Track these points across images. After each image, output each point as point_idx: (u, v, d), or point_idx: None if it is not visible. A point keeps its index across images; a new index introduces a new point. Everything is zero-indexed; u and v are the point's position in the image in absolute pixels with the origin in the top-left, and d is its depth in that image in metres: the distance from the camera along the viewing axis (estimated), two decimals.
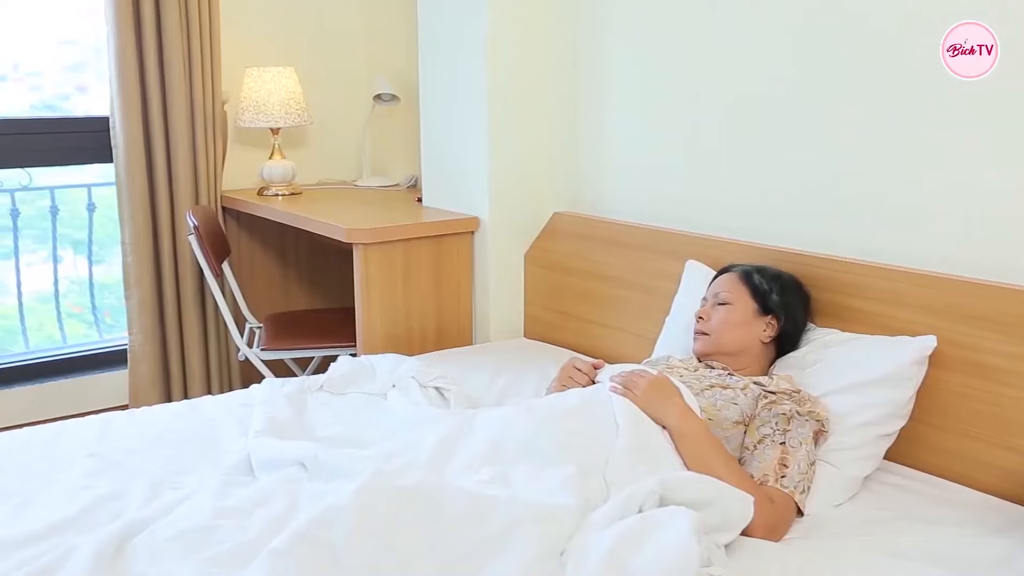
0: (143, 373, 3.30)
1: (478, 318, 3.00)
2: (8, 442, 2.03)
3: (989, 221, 1.93)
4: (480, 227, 2.93)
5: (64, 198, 3.55)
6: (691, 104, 2.51)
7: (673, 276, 2.43)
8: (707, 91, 2.46)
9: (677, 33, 2.52)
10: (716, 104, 2.44)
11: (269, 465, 1.85)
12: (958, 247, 1.97)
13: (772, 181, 2.33)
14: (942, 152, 1.99)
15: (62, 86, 3.50)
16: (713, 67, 2.44)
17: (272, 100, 3.33)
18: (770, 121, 2.31)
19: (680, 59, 2.52)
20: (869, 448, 1.88)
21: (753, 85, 2.34)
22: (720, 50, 2.41)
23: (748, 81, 2.35)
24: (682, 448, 1.78)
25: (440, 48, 2.98)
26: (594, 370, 2.05)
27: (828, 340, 2.05)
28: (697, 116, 2.50)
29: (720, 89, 2.42)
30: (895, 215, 2.08)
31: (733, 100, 2.40)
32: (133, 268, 3.26)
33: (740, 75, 2.37)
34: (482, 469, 1.72)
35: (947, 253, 1.98)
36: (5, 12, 3.23)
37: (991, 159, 1.91)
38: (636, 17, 2.63)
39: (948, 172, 1.98)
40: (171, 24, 3.15)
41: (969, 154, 1.94)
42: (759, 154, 2.35)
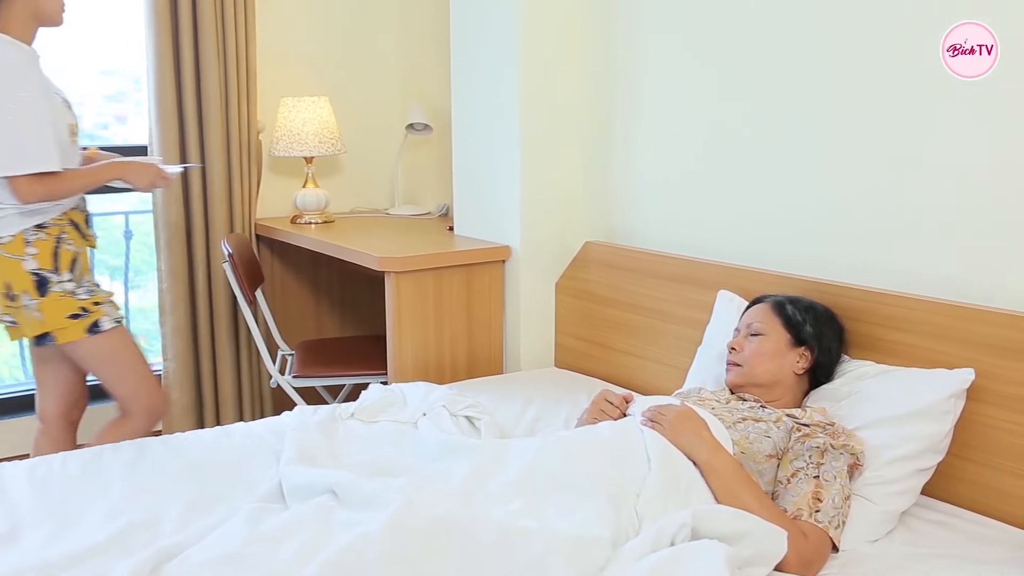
0: (176, 399, 3.34)
1: (509, 347, 3.00)
2: (48, 466, 2.06)
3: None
4: (511, 256, 2.94)
5: (102, 225, 3.60)
6: (722, 133, 2.51)
7: (705, 306, 2.42)
8: (738, 119, 2.46)
9: (708, 65, 2.53)
10: (747, 132, 2.44)
11: (301, 492, 1.86)
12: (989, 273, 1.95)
13: (804, 209, 2.32)
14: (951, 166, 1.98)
15: (102, 115, 3.57)
16: (744, 96, 2.44)
17: (306, 129, 3.38)
18: (802, 147, 2.31)
19: (711, 89, 2.53)
20: (906, 483, 1.85)
21: (784, 111, 2.34)
22: (751, 79, 2.41)
23: (779, 108, 2.35)
24: (712, 483, 1.76)
25: (473, 78, 3.01)
26: (625, 402, 2.05)
27: (863, 372, 2.03)
28: (728, 145, 2.50)
29: (752, 117, 2.42)
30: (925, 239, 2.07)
31: (764, 128, 2.39)
32: (168, 295, 3.30)
33: (770, 102, 2.37)
34: (514, 500, 1.71)
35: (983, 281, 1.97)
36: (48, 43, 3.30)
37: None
38: (668, 48, 2.64)
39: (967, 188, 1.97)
40: (209, 55, 3.21)
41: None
42: (791, 182, 2.34)
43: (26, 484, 1.96)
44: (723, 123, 2.51)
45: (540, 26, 2.82)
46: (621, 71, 2.79)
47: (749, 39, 2.41)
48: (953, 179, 2.00)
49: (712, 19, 2.50)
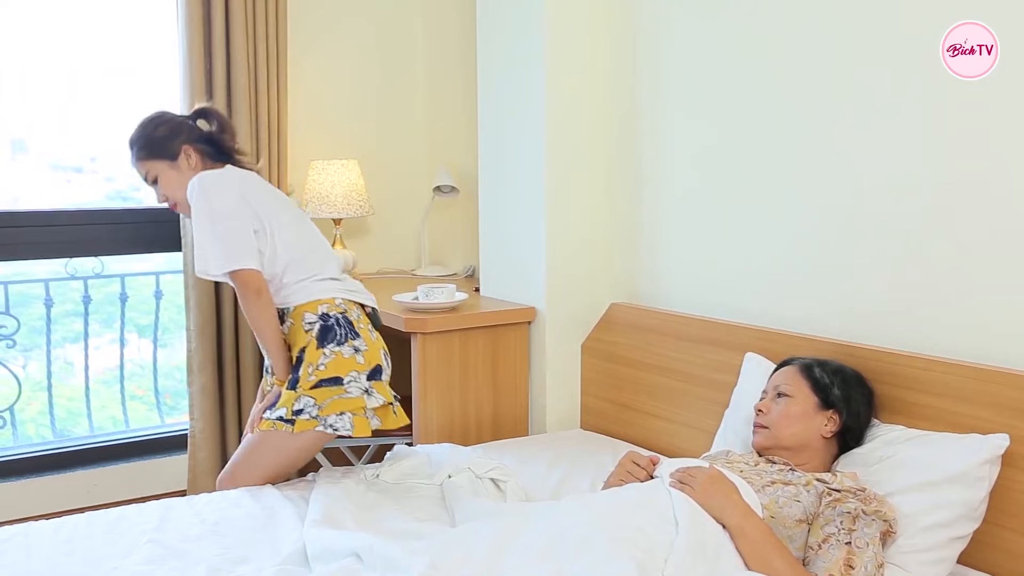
0: (202, 459, 3.33)
1: (534, 408, 2.99)
2: (72, 526, 2.06)
3: None
4: (537, 317, 2.94)
5: (132, 284, 3.65)
6: (747, 195, 2.52)
7: (732, 369, 2.41)
8: (765, 184, 2.47)
9: (735, 126, 2.55)
10: (774, 197, 2.45)
11: (325, 555, 1.85)
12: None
13: (832, 271, 2.31)
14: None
15: (135, 177, 3.63)
16: (769, 159, 2.45)
17: (335, 192, 3.43)
18: (831, 209, 2.31)
19: (736, 152, 2.54)
20: (941, 551, 1.81)
21: (809, 173, 2.35)
22: (777, 144, 2.43)
23: (805, 170, 2.36)
24: (742, 547, 1.73)
25: (500, 141, 3.05)
26: (652, 464, 2.02)
27: (894, 437, 2.00)
28: (755, 207, 2.50)
29: (777, 181, 2.43)
30: (954, 310, 2.05)
31: (792, 193, 2.40)
32: (197, 355, 3.32)
33: (798, 164, 2.38)
34: (539, 565, 1.69)
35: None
36: (85, 107, 3.40)
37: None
38: (693, 111, 2.67)
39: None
40: (241, 120, 3.27)
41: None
42: (819, 243, 2.34)
43: (50, 544, 1.96)
44: (748, 185, 2.52)
45: (566, 90, 2.87)
46: (647, 137, 2.82)
47: (776, 107, 2.43)
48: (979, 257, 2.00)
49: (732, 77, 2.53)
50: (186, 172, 2.39)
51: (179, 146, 2.40)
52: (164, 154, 2.40)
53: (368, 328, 2.39)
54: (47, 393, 3.49)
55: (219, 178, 2.36)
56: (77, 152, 3.48)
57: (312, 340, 2.27)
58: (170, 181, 2.41)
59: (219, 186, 2.34)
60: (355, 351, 2.24)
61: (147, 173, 2.43)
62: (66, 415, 3.57)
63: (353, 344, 2.25)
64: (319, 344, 2.27)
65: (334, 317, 2.29)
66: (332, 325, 2.27)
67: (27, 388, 3.48)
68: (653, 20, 2.77)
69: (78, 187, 3.50)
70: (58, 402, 3.54)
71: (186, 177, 2.37)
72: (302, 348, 2.29)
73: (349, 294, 2.40)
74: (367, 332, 2.35)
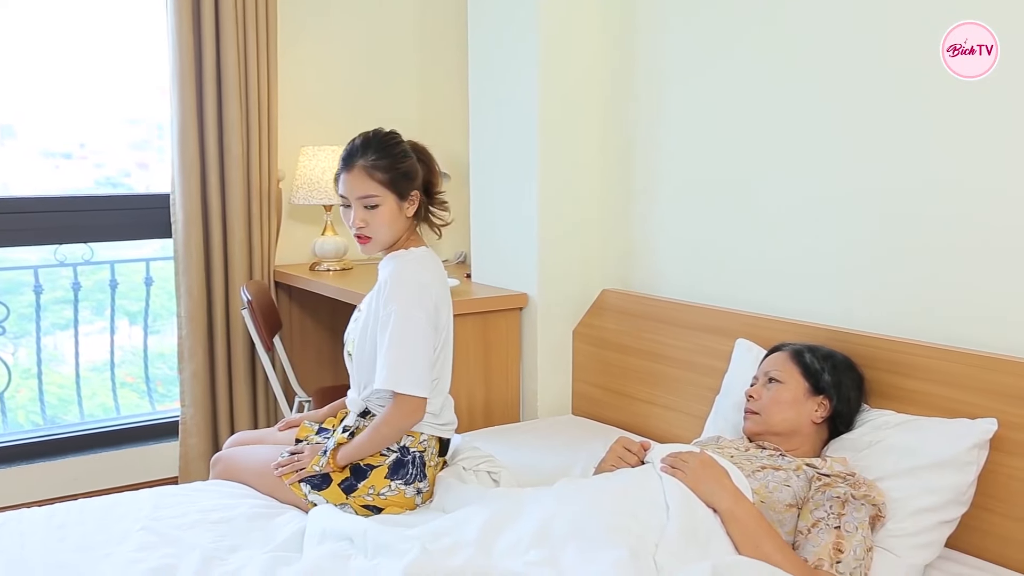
0: (193, 445, 3.33)
1: (526, 394, 2.99)
2: (65, 513, 2.06)
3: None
4: (529, 303, 2.94)
5: (122, 270, 3.64)
6: (739, 181, 2.53)
7: (723, 354, 2.42)
8: (756, 169, 2.48)
9: (725, 116, 2.55)
10: (765, 184, 2.45)
11: (320, 536, 1.86)
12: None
13: (823, 258, 2.32)
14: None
15: (124, 163, 3.62)
16: (761, 149, 2.46)
17: (326, 178, 3.42)
18: (821, 196, 2.32)
19: (729, 140, 2.55)
20: (929, 535, 1.83)
21: (803, 164, 2.35)
22: (771, 131, 2.43)
23: (797, 160, 2.37)
24: (733, 531, 1.75)
25: (491, 127, 3.04)
26: (643, 450, 2.03)
27: (883, 422, 2.01)
28: (746, 193, 2.51)
29: (770, 169, 2.44)
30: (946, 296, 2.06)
31: (783, 180, 2.41)
32: (187, 341, 3.32)
33: (790, 153, 2.39)
34: (530, 550, 1.70)
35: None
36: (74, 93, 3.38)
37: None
38: (688, 97, 2.67)
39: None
40: (231, 106, 3.26)
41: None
42: (810, 230, 2.35)
43: (43, 531, 1.96)
44: (740, 172, 2.52)
45: (560, 76, 2.86)
46: (641, 123, 2.82)
47: (773, 98, 2.43)
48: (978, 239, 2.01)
49: (727, 72, 2.53)
50: (400, 219, 2.18)
51: (413, 189, 2.19)
52: (400, 190, 2.17)
53: (435, 465, 2.22)
54: (37, 380, 3.49)
55: (431, 283, 2.17)
56: (66, 138, 3.46)
57: (384, 467, 2.12)
58: (386, 219, 2.17)
59: (430, 294, 2.14)
60: (417, 492, 2.15)
61: (368, 196, 2.16)
62: (57, 402, 3.57)
63: (418, 486, 2.15)
64: (389, 475, 2.12)
65: (412, 455, 2.14)
66: (407, 462, 2.12)
67: (16, 375, 3.47)
68: (648, 4, 2.76)
69: (67, 173, 3.48)
70: (48, 389, 3.53)
71: (399, 223, 2.18)
72: (370, 464, 2.13)
73: (436, 430, 2.22)
74: (433, 471, 2.20)
